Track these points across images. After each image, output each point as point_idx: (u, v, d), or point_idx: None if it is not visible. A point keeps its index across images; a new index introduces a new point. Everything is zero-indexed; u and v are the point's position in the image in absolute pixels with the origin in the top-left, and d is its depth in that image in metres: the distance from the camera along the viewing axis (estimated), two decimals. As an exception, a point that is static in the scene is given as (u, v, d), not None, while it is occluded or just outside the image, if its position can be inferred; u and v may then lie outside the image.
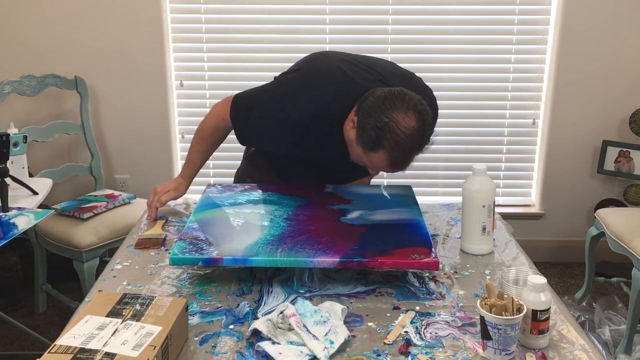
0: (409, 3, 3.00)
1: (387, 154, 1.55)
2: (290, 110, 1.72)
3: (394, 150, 1.54)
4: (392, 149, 1.54)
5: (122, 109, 3.07)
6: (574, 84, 3.05)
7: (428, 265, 1.49)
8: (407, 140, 1.54)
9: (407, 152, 1.56)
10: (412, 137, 1.55)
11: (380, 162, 1.58)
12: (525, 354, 1.23)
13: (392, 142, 1.53)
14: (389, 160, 1.56)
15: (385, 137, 1.53)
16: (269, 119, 1.76)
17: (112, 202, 2.62)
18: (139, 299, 1.26)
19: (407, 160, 1.59)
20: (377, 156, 1.56)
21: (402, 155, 1.56)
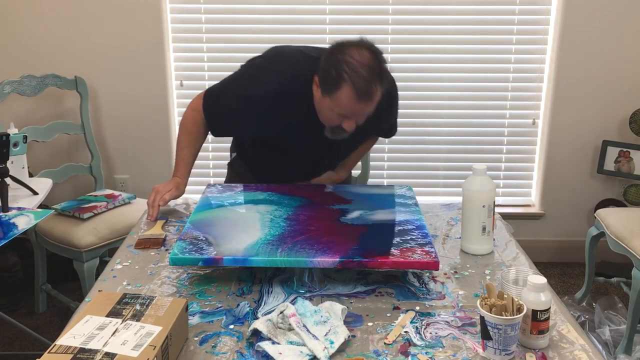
0: (409, 3, 3.00)
1: (350, 86, 1.63)
2: (255, 88, 1.82)
3: (356, 80, 1.62)
4: (354, 78, 1.62)
5: (122, 109, 3.07)
6: (574, 84, 3.05)
7: (428, 265, 1.49)
8: (365, 68, 1.63)
9: (368, 80, 1.63)
10: (370, 67, 1.64)
11: (346, 98, 1.65)
12: (525, 354, 1.23)
13: (352, 73, 1.62)
14: (354, 92, 1.63)
15: (344, 71, 1.62)
16: (236, 100, 1.85)
17: (112, 202, 2.62)
18: (139, 299, 1.26)
19: (372, 89, 1.65)
20: (342, 93, 1.64)
21: (364, 83, 1.63)
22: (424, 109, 3.14)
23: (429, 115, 3.15)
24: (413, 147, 3.18)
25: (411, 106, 3.12)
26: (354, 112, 1.71)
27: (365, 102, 1.68)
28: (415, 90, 3.11)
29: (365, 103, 1.68)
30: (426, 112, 3.15)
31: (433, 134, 3.17)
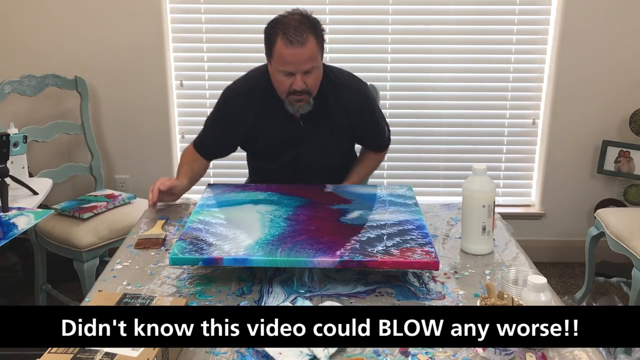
0: (409, 3, 3.00)
1: (282, 36, 1.82)
2: (227, 93, 2.06)
3: (285, 30, 1.81)
4: (284, 30, 1.82)
5: (122, 109, 3.07)
6: (574, 84, 3.04)
7: (428, 265, 1.49)
8: (294, 21, 1.83)
9: (297, 27, 1.81)
10: (299, 19, 1.84)
11: (281, 48, 1.83)
12: (525, 354, 1.23)
13: (282, 27, 1.83)
14: (286, 39, 1.81)
15: (276, 27, 1.84)
16: (214, 112, 2.09)
17: (112, 202, 2.62)
18: (139, 299, 1.26)
19: (302, 35, 1.81)
20: (278, 46, 1.83)
21: (293, 30, 1.81)
22: (423, 109, 3.14)
23: (429, 115, 3.15)
24: (413, 147, 3.18)
25: (411, 106, 3.13)
26: (292, 61, 1.84)
27: (297, 47, 1.82)
28: (415, 90, 3.11)
29: (297, 48, 1.82)
30: (426, 112, 3.15)
31: (433, 134, 3.17)
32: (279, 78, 1.89)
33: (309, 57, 1.85)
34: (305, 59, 1.85)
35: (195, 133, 3.14)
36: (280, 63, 1.85)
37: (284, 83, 1.89)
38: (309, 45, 1.83)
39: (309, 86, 1.90)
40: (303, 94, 1.90)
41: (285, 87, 1.90)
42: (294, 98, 1.91)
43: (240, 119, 2.01)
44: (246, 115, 2.01)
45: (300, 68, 1.86)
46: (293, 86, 1.88)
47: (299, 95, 1.90)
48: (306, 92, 1.91)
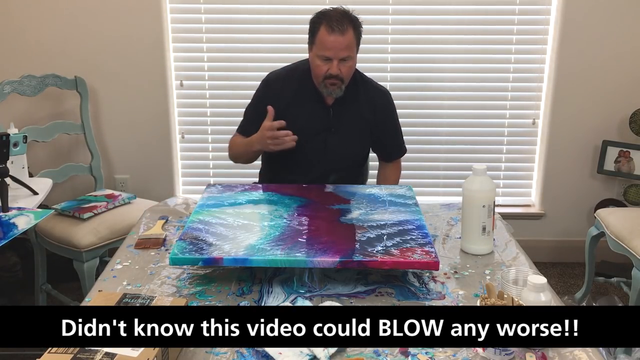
0: (409, 3, 3.00)
1: (325, 24, 2.03)
2: (266, 79, 2.26)
3: (328, 20, 2.03)
4: (327, 19, 2.03)
5: (122, 109, 3.07)
6: (574, 84, 3.04)
7: (428, 265, 1.49)
8: (337, 12, 2.06)
9: (340, 18, 2.03)
10: (341, 12, 2.07)
11: (323, 35, 2.03)
12: (525, 354, 1.23)
13: (325, 17, 2.05)
14: (328, 26, 2.02)
15: (321, 17, 2.06)
16: (255, 98, 2.26)
17: (112, 202, 2.62)
18: (139, 299, 1.26)
19: (344, 25, 2.03)
20: (320, 33, 2.04)
21: (336, 20, 2.02)
22: (424, 109, 3.14)
23: (428, 115, 3.15)
24: (413, 147, 3.17)
25: (411, 106, 3.12)
26: (331, 47, 2.03)
27: (338, 35, 2.02)
28: (415, 90, 3.11)
29: (338, 36, 2.02)
30: (426, 112, 3.15)
31: (433, 134, 3.17)
32: (317, 63, 2.08)
33: (346, 45, 2.05)
34: (343, 47, 2.04)
35: (195, 133, 3.18)
36: (321, 48, 2.05)
37: (322, 68, 2.07)
38: (348, 35, 2.04)
39: (343, 73, 2.08)
40: (337, 79, 2.09)
41: (322, 72, 2.08)
42: (328, 82, 2.09)
43: (276, 100, 2.16)
44: (282, 97, 2.17)
45: (338, 55, 2.05)
46: (329, 71, 2.07)
47: (333, 80, 2.08)
48: (340, 78, 2.09)
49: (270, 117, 2.08)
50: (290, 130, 2.09)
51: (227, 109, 3.09)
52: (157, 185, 3.16)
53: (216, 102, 3.13)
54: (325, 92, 2.13)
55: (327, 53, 2.04)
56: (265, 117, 2.10)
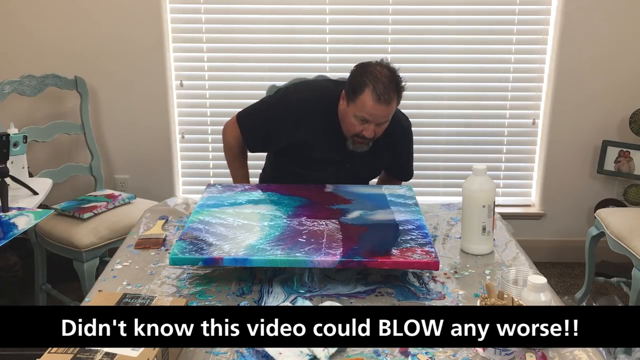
0: (409, 3, 3.00)
1: (371, 89, 1.88)
2: (290, 98, 2.10)
3: (376, 85, 1.87)
4: (375, 84, 1.88)
5: (122, 109, 3.07)
6: (574, 84, 3.04)
7: (428, 265, 1.49)
8: (385, 77, 1.90)
9: (387, 85, 1.89)
10: (389, 77, 1.90)
11: (367, 100, 1.89)
12: (525, 354, 1.23)
13: (373, 79, 1.88)
14: (375, 94, 1.87)
15: (367, 77, 1.89)
16: (272, 111, 2.11)
17: (112, 202, 2.62)
18: (139, 299, 1.26)
19: (390, 95, 1.89)
20: (365, 96, 1.89)
21: (383, 87, 1.88)
22: (424, 109, 3.14)
23: (429, 115, 3.15)
24: (413, 147, 3.18)
25: (411, 106, 3.12)
26: (373, 114, 1.91)
27: (383, 105, 1.89)
28: (415, 90, 3.10)
29: (383, 106, 1.89)
30: (426, 112, 3.15)
31: (433, 134, 3.17)
32: (351, 121, 1.95)
33: (388, 114, 1.95)
34: (384, 116, 1.94)
35: (195, 133, 3.18)
36: (360, 111, 1.91)
37: (355, 127, 1.95)
38: (392, 105, 1.92)
39: (377, 135, 1.98)
40: (367, 139, 1.98)
41: (355, 131, 1.96)
42: (358, 140, 1.99)
43: (297, 125, 2.06)
44: (303, 123, 2.06)
45: (377, 121, 1.94)
46: (363, 132, 1.95)
47: (363, 139, 1.98)
48: (372, 138, 1.98)
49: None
50: (301, 154, 2.08)
51: (227, 109, 3.09)
52: (157, 185, 3.16)
53: (216, 102, 3.13)
54: (351, 147, 2.02)
55: (367, 118, 1.92)
56: (273, 137, 2.08)
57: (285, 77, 2.71)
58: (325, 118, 2.05)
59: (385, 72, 1.91)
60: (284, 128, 2.08)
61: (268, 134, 2.13)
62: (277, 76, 2.96)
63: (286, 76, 2.72)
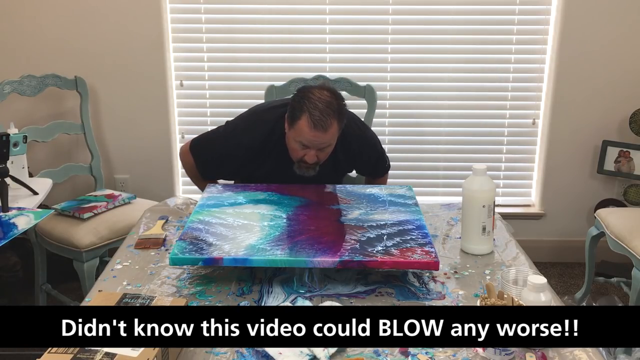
0: (409, 3, 2.99)
1: (307, 116, 1.84)
2: (243, 137, 2.05)
3: (313, 112, 1.84)
4: (311, 110, 1.84)
5: (122, 109, 3.07)
6: (574, 84, 3.04)
7: (428, 265, 1.49)
8: (323, 103, 1.86)
9: (323, 111, 1.85)
10: (328, 103, 1.86)
11: (304, 126, 1.85)
12: (525, 354, 1.23)
13: (310, 106, 1.85)
14: (310, 121, 1.84)
15: (304, 104, 1.86)
16: (224, 150, 2.08)
17: (112, 202, 2.62)
18: (139, 299, 1.26)
19: (327, 121, 1.85)
20: (301, 122, 1.86)
21: (319, 114, 1.84)
22: (423, 109, 3.14)
23: (428, 115, 3.15)
24: (413, 147, 3.18)
25: (411, 106, 3.12)
26: (311, 141, 1.88)
27: (319, 132, 1.86)
28: (415, 90, 3.11)
29: (319, 132, 1.86)
30: (426, 112, 3.15)
31: (433, 134, 3.17)
32: (293, 146, 1.94)
33: (327, 140, 1.91)
34: (323, 142, 1.91)
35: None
36: (299, 136, 1.90)
37: (298, 152, 1.94)
38: (331, 131, 1.88)
39: (320, 159, 1.96)
40: (312, 165, 1.96)
41: (298, 156, 1.95)
42: (303, 165, 1.97)
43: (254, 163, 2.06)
44: (259, 161, 2.06)
45: (317, 147, 1.91)
46: (305, 158, 1.93)
47: (308, 164, 1.96)
48: (315, 163, 1.96)
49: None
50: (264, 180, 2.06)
51: (227, 109, 3.09)
52: (157, 185, 3.16)
53: (216, 102, 3.13)
54: (298, 171, 2.00)
55: (306, 143, 1.90)
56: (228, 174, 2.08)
57: (285, 77, 2.71)
58: (279, 151, 2.02)
59: (325, 97, 1.88)
60: (238, 166, 2.08)
61: (222, 170, 2.13)
62: (277, 76, 2.96)
63: (286, 76, 2.72)
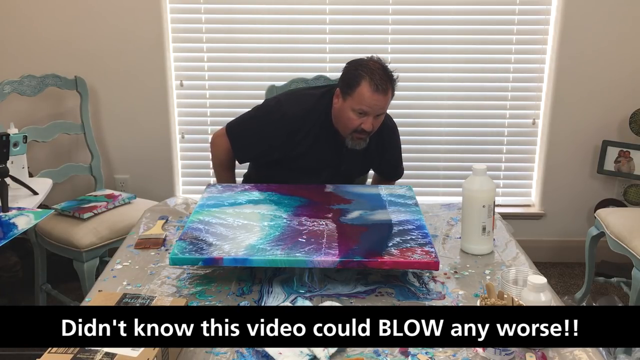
0: (409, 3, 2.99)
1: (368, 81, 1.92)
2: (282, 111, 2.07)
3: (372, 76, 1.92)
4: (371, 75, 1.93)
5: (122, 109, 3.07)
6: (574, 84, 3.04)
7: (428, 265, 1.49)
8: (380, 69, 1.95)
9: (383, 76, 1.94)
10: (383, 68, 1.96)
11: (364, 91, 1.93)
12: (525, 354, 1.23)
13: (368, 71, 1.94)
14: (371, 85, 1.92)
15: (362, 70, 1.94)
16: (265, 124, 2.10)
17: (112, 202, 2.62)
18: (139, 299, 1.26)
19: (386, 85, 1.94)
20: (361, 88, 1.93)
21: (379, 78, 1.93)
22: (424, 109, 3.14)
23: (429, 115, 3.15)
24: (413, 147, 3.18)
25: (411, 106, 3.12)
26: (371, 105, 1.94)
27: (380, 95, 1.93)
28: (415, 90, 3.11)
29: (380, 96, 1.93)
30: (426, 112, 3.15)
31: (433, 134, 3.17)
32: (349, 115, 1.97)
33: (385, 104, 1.98)
34: (382, 106, 1.97)
35: (195, 133, 3.18)
36: (359, 104, 1.94)
37: (354, 122, 1.97)
38: (388, 95, 1.97)
39: (374, 128, 2.01)
40: (365, 134, 2.01)
41: (354, 125, 1.98)
42: (357, 135, 2.01)
43: (291, 138, 2.07)
44: (298, 136, 2.07)
45: (375, 112, 1.97)
46: (362, 126, 1.97)
47: (361, 134, 2.01)
48: (369, 133, 2.01)
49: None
50: (296, 163, 2.09)
51: (227, 109, 3.09)
52: (157, 185, 3.16)
53: (216, 102, 3.13)
54: (350, 144, 2.04)
55: (366, 109, 1.95)
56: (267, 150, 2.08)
57: (285, 77, 2.70)
58: (321, 129, 2.07)
59: (378, 65, 1.97)
60: (280, 141, 2.08)
61: (261, 147, 2.13)
62: (277, 76, 2.96)
63: (286, 76, 2.72)
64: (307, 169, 2.13)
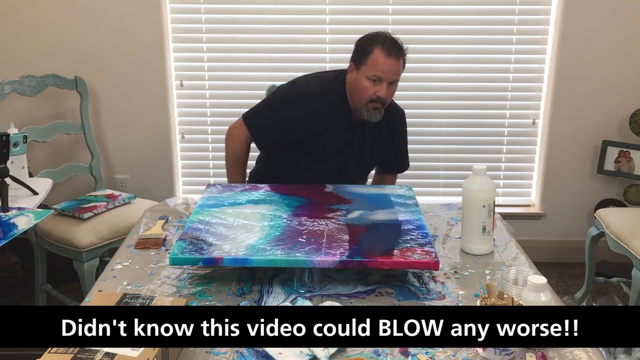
0: (409, 3, 3.00)
1: (380, 46, 1.99)
2: (301, 90, 2.13)
3: (384, 42, 1.99)
4: (382, 41, 2.00)
5: (122, 109, 3.07)
6: (574, 84, 3.04)
7: (428, 265, 1.49)
8: (390, 38, 2.02)
9: (394, 42, 2.01)
10: (393, 39, 2.02)
11: (378, 56, 1.99)
12: (525, 354, 1.23)
13: (380, 38, 2.01)
14: (384, 50, 1.98)
15: (373, 40, 2.02)
16: (285, 105, 2.13)
17: (112, 202, 2.62)
18: (139, 299, 1.26)
19: (398, 49, 2.00)
20: (374, 54, 1.99)
21: (391, 43, 2.00)
22: (424, 108, 3.14)
23: (429, 115, 3.15)
24: (413, 147, 3.16)
25: (411, 106, 3.12)
26: (385, 70, 1.99)
27: (393, 59, 1.99)
28: (415, 90, 3.11)
29: (393, 60, 1.99)
30: (426, 112, 3.15)
31: (433, 134, 3.17)
32: (364, 84, 2.02)
33: (398, 70, 2.03)
34: (396, 71, 2.02)
35: (195, 133, 3.18)
36: (374, 69, 2.00)
37: (369, 90, 2.02)
38: (400, 61, 2.03)
39: (388, 97, 2.05)
40: (380, 103, 2.05)
41: (369, 94, 2.02)
42: (372, 105, 2.05)
43: (308, 117, 2.11)
44: (315, 115, 2.11)
45: (389, 78, 2.01)
46: (377, 93, 2.02)
47: (377, 104, 2.04)
48: (384, 102, 2.05)
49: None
50: (314, 145, 2.12)
51: (227, 109, 3.09)
52: (157, 185, 3.16)
53: (216, 102, 3.13)
54: (366, 116, 2.07)
55: (380, 74, 1.99)
56: (288, 131, 2.10)
57: (285, 77, 2.70)
58: (336, 106, 2.12)
59: (389, 36, 2.04)
60: (299, 121, 2.11)
61: (281, 129, 2.14)
62: (277, 76, 2.97)
63: (286, 76, 2.71)
64: (322, 151, 2.15)
